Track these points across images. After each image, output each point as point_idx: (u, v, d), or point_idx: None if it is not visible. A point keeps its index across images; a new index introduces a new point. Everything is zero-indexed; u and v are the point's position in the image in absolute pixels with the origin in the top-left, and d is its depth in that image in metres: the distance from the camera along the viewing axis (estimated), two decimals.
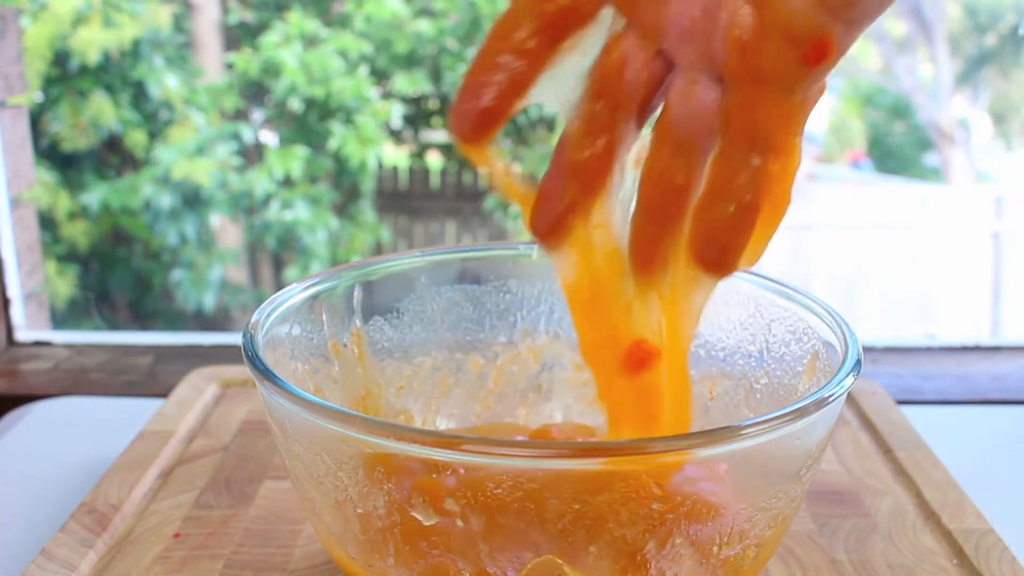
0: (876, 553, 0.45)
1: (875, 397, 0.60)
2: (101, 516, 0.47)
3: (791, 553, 0.45)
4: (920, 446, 0.54)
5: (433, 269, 0.49)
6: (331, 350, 0.46)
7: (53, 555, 0.44)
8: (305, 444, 0.36)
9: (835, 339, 0.40)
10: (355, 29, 3.18)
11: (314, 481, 0.36)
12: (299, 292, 0.44)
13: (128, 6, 2.84)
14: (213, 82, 3.14)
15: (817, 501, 0.49)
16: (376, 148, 3.07)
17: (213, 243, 3.05)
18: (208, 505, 0.49)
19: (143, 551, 0.45)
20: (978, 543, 0.45)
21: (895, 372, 0.75)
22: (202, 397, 0.60)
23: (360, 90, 3.05)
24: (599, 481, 0.33)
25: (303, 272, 2.96)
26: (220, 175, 2.90)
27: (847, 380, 0.36)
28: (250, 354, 0.38)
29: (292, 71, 3.02)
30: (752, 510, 0.35)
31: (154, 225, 2.89)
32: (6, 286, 0.83)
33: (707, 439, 0.33)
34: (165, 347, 0.81)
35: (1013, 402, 0.71)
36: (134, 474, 0.51)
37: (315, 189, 3.05)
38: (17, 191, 0.87)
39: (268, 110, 3.22)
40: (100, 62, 2.81)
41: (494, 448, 0.32)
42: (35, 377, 0.76)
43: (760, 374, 0.44)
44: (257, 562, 0.44)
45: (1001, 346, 0.80)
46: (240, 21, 3.37)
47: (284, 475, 0.51)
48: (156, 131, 2.97)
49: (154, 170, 2.85)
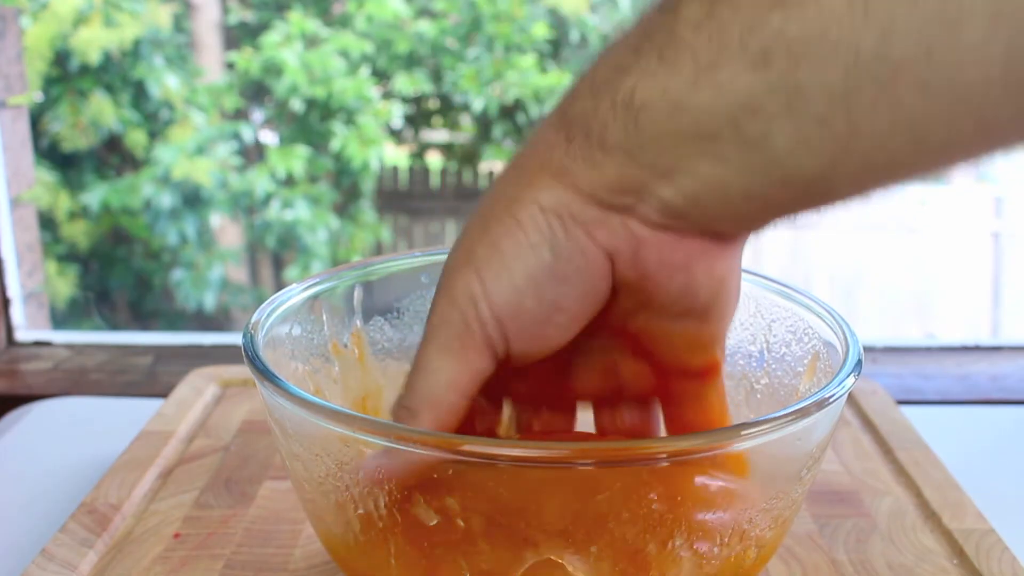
0: (876, 553, 0.45)
1: (875, 397, 0.60)
2: (101, 516, 0.47)
3: (791, 553, 0.45)
4: (920, 446, 0.54)
5: (433, 269, 0.49)
6: (331, 350, 0.46)
7: (53, 555, 0.44)
8: (305, 444, 0.36)
9: (836, 339, 0.40)
10: (356, 29, 3.19)
11: (314, 482, 0.36)
12: (299, 292, 0.44)
13: (128, 6, 2.85)
14: (213, 82, 3.14)
15: (817, 501, 0.49)
16: (377, 148, 3.07)
17: (213, 243, 3.05)
18: (208, 505, 0.49)
19: (143, 551, 0.45)
20: (978, 543, 0.45)
21: (895, 372, 0.75)
22: (202, 397, 0.60)
23: (361, 90, 3.05)
24: (599, 481, 0.33)
25: (303, 272, 2.96)
26: (220, 175, 2.90)
27: (848, 380, 0.36)
28: (250, 354, 0.38)
29: (293, 71, 3.02)
30: (752, 511, 0.35)
31: (154, 225, 2.90)
32: (6, 286, 0.83)
33: (707, 439, 0.33)
34: (165, 347, 0.81)
35: (1013, 402, 0.71)
36: (134, 474, 0.51)
37: (315, 189, 3.05)
38: (17, 191, 0.87)
39: (268, 110, 3.22)
40: (100, 62, 2.81)
41: (494, 448, 0.32)
42: (35, 377, 0.76)
43: (760, 374, 0.44)
44: (257, 562, 0.44)
45: (1001, 346, 0.80)
46: (240, 21, 3.37)
47: (284, 475, 0.51)
48: (156, 131, 2.97)
49: (154, 170, 2.86)
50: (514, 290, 0.34)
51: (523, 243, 0.33)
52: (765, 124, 0.29)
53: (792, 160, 0.29)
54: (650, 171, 0.31)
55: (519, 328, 0.34)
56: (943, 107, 0.27)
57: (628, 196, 0.32)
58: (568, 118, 0.33)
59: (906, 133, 0.28)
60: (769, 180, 0.30)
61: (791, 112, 0.28)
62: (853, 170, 0.29)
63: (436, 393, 0.34)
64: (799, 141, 0.29)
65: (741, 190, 0.30)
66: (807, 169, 0.29)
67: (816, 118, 0.28)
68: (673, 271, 0.34)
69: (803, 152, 0.29)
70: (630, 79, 0.31)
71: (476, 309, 0.34)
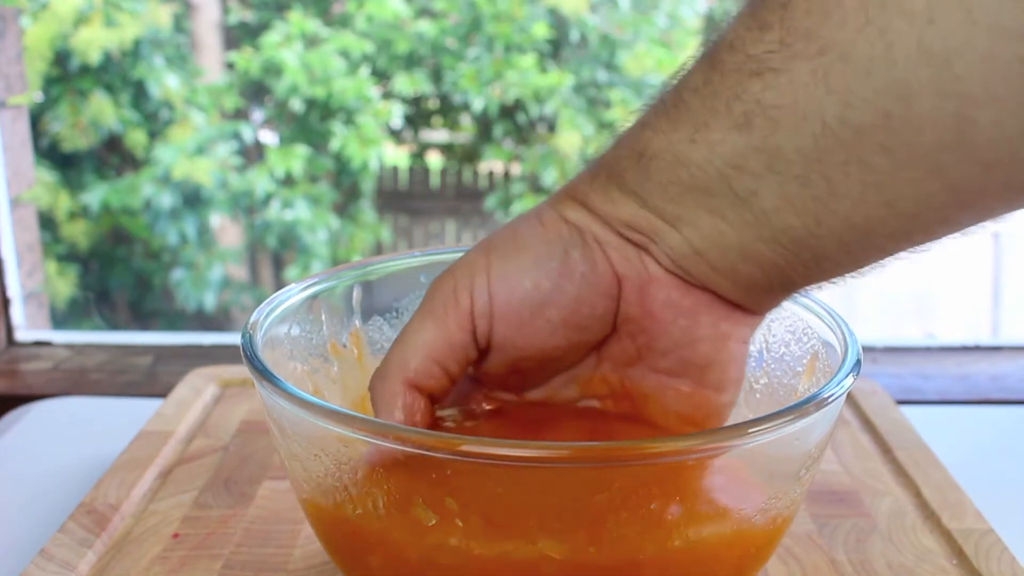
0: (876, 553, 0.45)
1: (875, 397, 0.60)
2: (100, 516, 0.47)
3: (791, 553, 0.45)
4: (920, 446, 0.54)
5: (432, 269, 0.49)
6: (330, 350, 0.46)
7: (52, 555, 0.44)
8: (304, 444, 0.36)
9: (835, 339, 0.40)
10: (356, 29, 3.19)
11: (313, 482, 0.36)
12: (298, 292, 0.44)
13: (129, 6, 2.85)
14: (213, 82, 3.14)
15: (817, 501, 0.49)
16: (377, 148, 3.07)
17: (213, 243, 3.05)
18: (207, 505, 0.49)
19: (142, 551, 0.45)
20: (978, 543, 0.45)
21: (895, 372, 0.75)
22: (201, 397, 0.60)
23: (361, 90, 3.05)
24: (599, 481, 0.33)
25: (303, 271, 2.96)
26: (220, 175, 2.90)
27: (847, 380, 0.36)
28: (249, 354, 0.38)
29: (293, 71, 3.02)
30: (752, 511, 0.35)
31: (154, 225, 2.89)
32: (6, 286, 0.83)
33: (707, 439, 0.33)
34: (165, 347, 0.81)
35: (1013, 402, 0.71)
36: (133, 474, 0.51)
37: (315, 188, 3.05)
38: (17, 191, 0.87)
39: (268, 110, 3.22)
40: (100, 62, 2.81)
41: (494, 448, 0.32)
42: (35, 377, 0.76)
43: (759, 374, 0.44)
44: (256, 562, 0.44)
45: (1001, 346, 0.80)
46: (240, 21, 3.37)
47: (283, 475, 0.51)
48: (156, 131, 2.97)
49: (154, 170, 2.86)
50: (516, 269, 0.35)
51: (540, 236, 0.36)
52: (752, 182, 0.32)
53: (779, 217, 0.32)
54: (659, 217, 0.34)
55: (507, 310, 0.35)
56: (908, 168, 0.29)
57: (641, 236, 0.35)
58: (598, 161, 0.36)
59: (877, 195, 0.30)
60: (761, 236, 0.33)
61: (773, 171, 0.31)
62: (837, 231, 0.31)
63: (407, 355, 0.36)
64: (783, 198, 0.31)
65: (737, 245, 0.33)
66: (794, 226, 0.32)
67: (795, 178, 0.31)
68: (678, 314, 0.36)
69: (788, 209, 0.32)
70: (646, 133, 0.34)
71: (472, 280, 0.36)
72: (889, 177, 0.30)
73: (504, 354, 0.37)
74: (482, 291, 0.36)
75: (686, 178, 0.33)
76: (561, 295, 0.35)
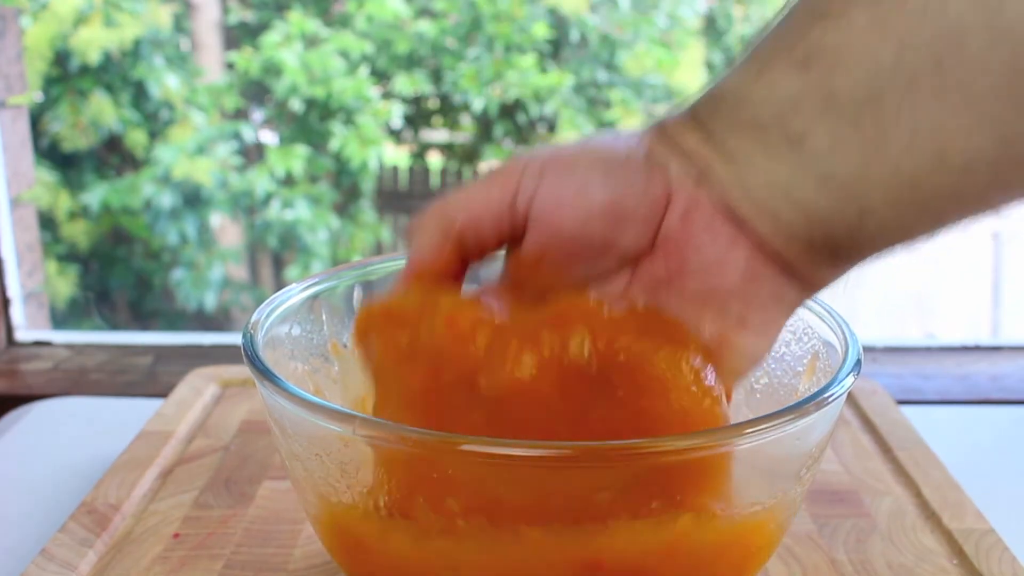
0: (876, 553, 0.45)
1: (875, 397, 0.60)
2: (101, 516, 0.47)
3: (791, 553, 0.45)
4: (920, 446, 0.54)
5: None
6: (331, 350, 0.46)
7: (53, 555, 0.44)
8: (305, 444, 0.36)
9: (835, 339, 0.40)
10: (356, 29, 3.18)
11: (314, 482, 0.36)
12: (299, 292, 0.44)
13: (128, 6, 2.84)
14: (213, 82, 3.13)
15: (817, 501, 0.49)
16: (377, 148, 3.07)
17: (213, 243, 3.05)
18: (208, 505, 0.49)
19: (143, 551, 0.45)
20: (978, 543, 0.45)
21: (895, 372, 0.75)
22: (202, 397, 0.60)
23: (361, 90, 3.05)
24: (599, 480, 0.33)
25: (304, 271, 2.96)
26: (220, 175, 2.90)
27: (847, 380, 0.36)
28: (250, 354, 0.38)
29: (293, 71, 3.01)
30: (752, 511, 0.35)
31: (154, 225, 2.89)
32: (6, 286, 0.83)
33: (707, 439, 0.33)
34: (165, 347, 0.81)
35: (1013, 402, 0.71)
36: (134, 474, 0.51)
37: (315, 188, 3.04)
38: (17, 191, 0.87)
39: (268, 110, 3.22)
40: (100, 62, 2.81)
41: (494, 448, 0.32)
42: (35, 377, 0.76)
43: (760, 374, 0.44)
44: (257, 562, 0.44)
45: (1001, 346, 0.80)
46: (240, 21, 3.37)
47: (284, 475, 0.51)
48: (156, 131, 2.97)
49: (154, 170, 2.85)
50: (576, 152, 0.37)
51: (611, 142, 0.38)
52: (806, 122, 0.33)
53: (829, 159, 0.33)
54: (717, 150, 0.35)
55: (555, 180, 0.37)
56: (959, 115, 0.30)
57: (699, 165, 0.36)
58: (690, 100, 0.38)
59: (928, 141, 0.31)
60: (809, 178, 0.33)
61: (827, 112, 0.32)
62: (885, 178, 0.32)
63: (451, 203, 0.38)
64: (835, 139, 0.33)
65: (784, 185, 0.34)
66: (843, 171, 0.33)
67: (848, 120, 0.32)
68: (715, 237, 0.36)
69: (839, 151, 0.33)
70: (726, 73, 0.36)
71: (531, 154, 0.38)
72: (940, 124, 0.31)
73: (538, 233, 0.37)
74: (536, 161, 0.37)
75: (747, 116, 0.34)
76: (609, 182, 0.36)
